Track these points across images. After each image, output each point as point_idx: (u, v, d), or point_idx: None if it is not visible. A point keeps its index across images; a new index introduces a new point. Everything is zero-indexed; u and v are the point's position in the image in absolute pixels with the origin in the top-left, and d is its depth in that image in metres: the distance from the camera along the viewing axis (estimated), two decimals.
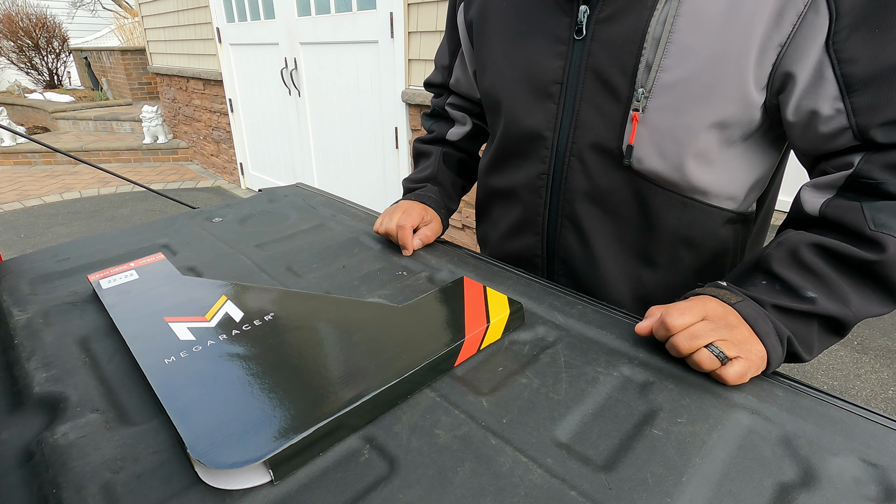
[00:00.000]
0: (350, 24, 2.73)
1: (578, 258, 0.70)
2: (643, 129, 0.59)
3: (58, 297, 0.64)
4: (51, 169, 5.14)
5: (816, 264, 0.51)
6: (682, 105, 0.56)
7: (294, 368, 0.47)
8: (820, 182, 0.55)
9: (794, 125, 0.55)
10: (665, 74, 0.55)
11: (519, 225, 0.75)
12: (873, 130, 0.50)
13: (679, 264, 0.67)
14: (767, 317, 0.49)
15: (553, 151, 0.66)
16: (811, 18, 0.49)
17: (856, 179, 0.52)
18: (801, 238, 0.53)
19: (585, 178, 0.65)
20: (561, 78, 0.63)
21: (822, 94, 0.51)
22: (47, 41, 7.85)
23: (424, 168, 0.89)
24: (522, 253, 0.76)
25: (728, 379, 0.46)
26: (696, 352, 0.47)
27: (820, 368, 1.99)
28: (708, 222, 0.64)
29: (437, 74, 0.89)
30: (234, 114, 4.17)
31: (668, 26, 0.54)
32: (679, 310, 0.49)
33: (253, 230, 0.85)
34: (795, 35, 0.50)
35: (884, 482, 0.37)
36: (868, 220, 0.49)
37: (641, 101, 0.57)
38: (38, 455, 0.40)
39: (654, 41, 0.55)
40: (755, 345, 0.48)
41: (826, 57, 0.50)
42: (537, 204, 0.71)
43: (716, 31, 0.52)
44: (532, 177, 0.70)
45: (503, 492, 0.37)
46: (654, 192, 0.62)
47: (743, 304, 0.50)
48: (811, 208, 0.55)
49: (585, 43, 0.60)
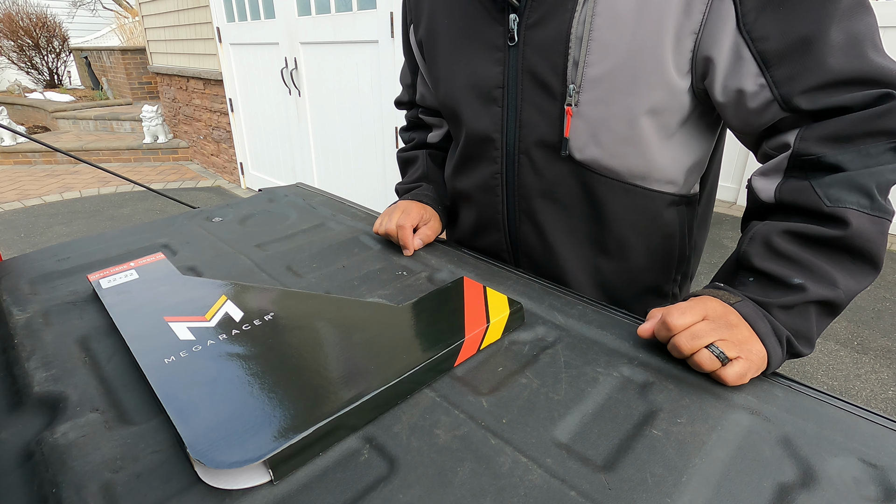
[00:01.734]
0: (350, 23, 2.73)
1: (538, 251, 0.75)
2: (578, 122, 0.63)
3: (58, 297, 0.64)
4: (51, 168, 5.14)
5: (792, 251, 0.52)
6: (609, 96, 0.60)
7: (294, 368, 0.47)
8: (766, 168, 0.58)
9: (725, 105, 0.58)
10: (591, 69, 0.59)
11: (482, 224, 0.80)
12: (797, 98, 0.52)
13: (629, 249, 0.71)
14: (766, 317, 0.50)
15: (503, 151, 0.70)
16: (717, 5, 0.53)
17: (797, 158, 0.53)
18: (771, 228, 0.54)
19: (535, 174, 0.69)
20: (501, 82, 0.67)
21: (744, 73, 0.54)
22: (47, 41, 7.85)
23: (414, 171, 0.92)
24: (490, 248, 0.81)
25: (728, 379, 0.46)
26: (697, 352, 0.48)
27: (820, 368, 1.99)
28: (651, 206, 0.68)
29: (404, 94, 0.94)
30: (235, 113, 4.17)
31: (588, 25, 0.58)
32: (680, 310, 0.49)
33: (253, 230, 0.85)
34: (707, 22, 0.54)
35: (883, 483, 0.37)
36: (822, 198, 0.51)
37: (573, 96, 0.61)
38: (37, 454, 0.40)
39: (577, 40, 0.59)
40: (755, 345, 0.48)
41: (740, 38, 0.53)
42: (495, 202, 0.75)
43: (630, 26, 0.56)
44: (487, 177, 0.74)
45: (503, 492, 0.37)
46: (597, 180, 0.66)
47: (742, 304, 0.50)
48: (766, 196, 0.56)
49: (519, 48, 0.64)
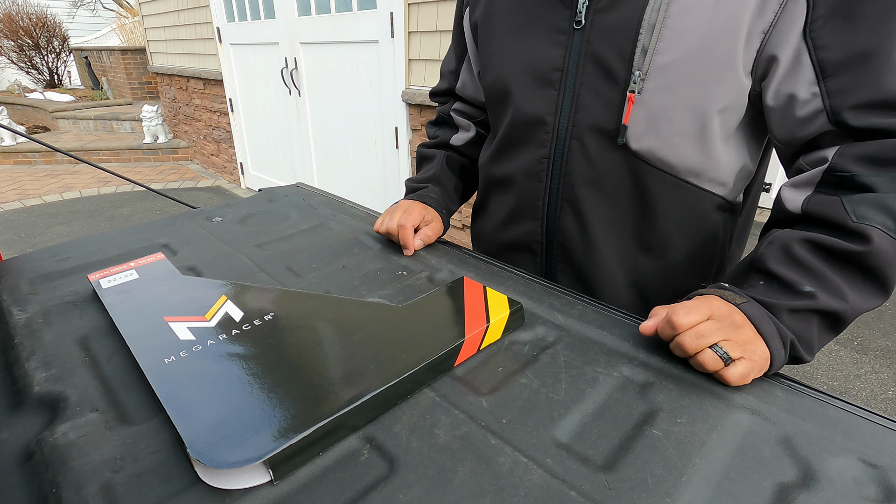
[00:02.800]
0: (350, 23, 2.73)
1: (577, 242, 0.73)
2: (639, 110, 0.62)
3: (58, 297, 0.64)
4: (51, 168, 5.14)
5: (809, 260, 0.52)
6: (675, 85, 0.59)
7: (294, 368, 0.47)
8: (798, 180, 0.57)
9: (774, 110, 0.58)
10: (660, 57, 0.59)
11: (518, 211, 0.77)
12: (845, 112, 0.52)
13: (672, 248, 0.70)
14: (771, 319, 0.50)
15: (554, 135, 0.69)
16: (791, 7, 0.53)
17: (831, 174, 0.54)
18: (791, 235, 0.54)
19: (585, 161, 0.67)
20: (561, 65, 0.66)
21: (800, 79, 0.54)
22: (48, 41, 7.85)
23: (427, 170, 0.91)
24: (521, 239, 0.78)
25: (730, 380, 0.46)
26: (701, 352, 0.47)
27: (820, 369, 1.99)
28: (699, 206, 0.67)
29: (442, 82, 0.92)
30: (235, 113, 4.17)
31: (663, 13, 0.57)
32: (685, 308, 0.49)
33: (253, 230, 0.85)
34: (777, 22, 0.54)
35: (883, 483, 0.37)
36: (850, 213, 0.51)
37: (638, 83, 0.60)
38: (37, 454, 0.40)
39: (649, 27, 0.58)
40: (759, 346, 0.48)
41: (803, 43, 0.53)
42: (538, 188, 0.73)
43: (706, 16, 0.56)
44: (533, 161, 0.72)
45: (503, 492, 0.37)
46: (650, 172, 0.65)
47: (748, 305, 0.50)
48: (793, 206, 0.56)
49: (584, 32, 0.63)
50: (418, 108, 2.55)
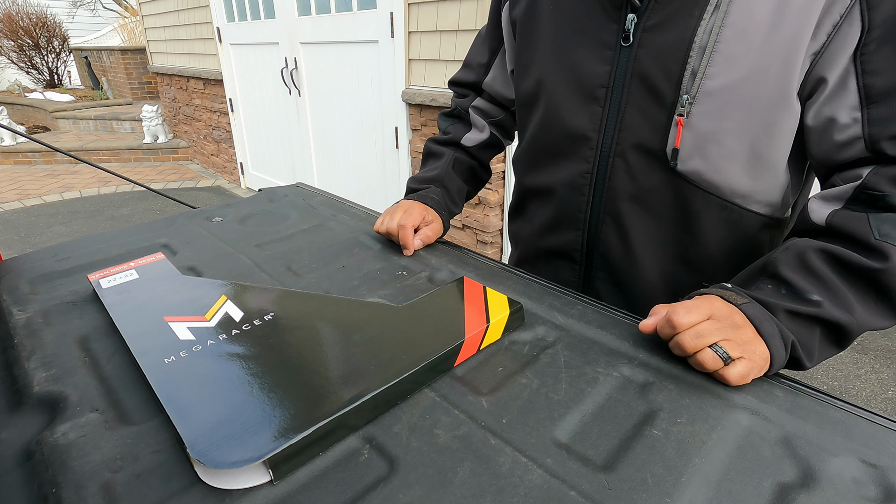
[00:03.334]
0: (350, 23, 2.73)
1: (618, 254, 0.72)
2: (687, 133, 0.61)
3: (58, 297, 0.64)
4: (51, 168, 5.14)
5: (822, 270, 0.51)
6: (724, 110, 0.58)
7: (294, 368, 0.47)
8: (828, 194, 0.57)
9: (812, 130, 0.57)
10: (709, 82, 0.57)
11: (558, 221, 0.77)
12: (884, 142, 0.51)
13: (714, 265, 0.69)
14: (773, 319, 0.49)
15: (597, 152, 0.68)
16: (846, 29, 0.51)
17: (863, 191, 0.53)
18: (808, 244, 0.53)
19: (628, 178, 0.67)
20: (607, 82, 0.65)
21: (843, 102, 0.53)
22: (48, 40, 7.85)
23: (432, 169, 0.89)
24: (561, 248, 0.78)
25: (730, 379, 0.46)
26: (700, 351, 0.47)
27: (820, 369, 1.99)
28: (746, 226, 0.66)
29: (468, 73, 0.89)
30: (235, 113, 4.17)
31: (714, 36, 0.56)
32: (685, 308, 0.49)
33: (253, 230, 0.85)
34: (829, 44, 0.53)
35: (883, 483, 0.37)
36: (873, 230, 0.50)
37: (686, 106, 0.59)
38: (37, 454, 0.40)
39: (700, 49, 0.57)
40: (759, 346, 0.48)
41: (852, 66, 0.52)
42: (580, 201, 0.72)
43: (760, 41, 0.54)
44: (575, 175, 0.71)
45: (503, 492, 0.37)
46: (695, 193, 0.64)
47: (749, 306, 0.50)
48: (818, 218, 0.56)
49: (632, 49, 0.62)
50: (418, 108, 2.55)
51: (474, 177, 0.92)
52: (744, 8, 0.54)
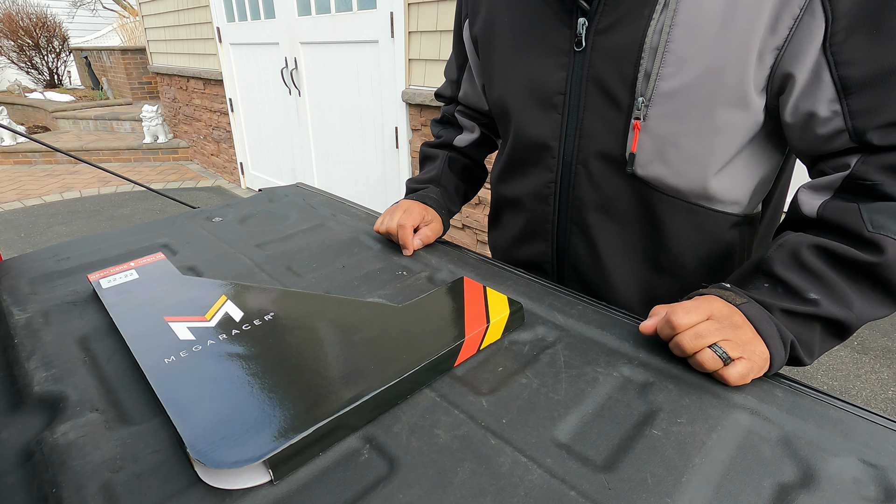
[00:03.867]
0: (350, 23, 2.73)
1: (587, 263, 0.71)
2: (645, 137, 0.60)
3: (58, 297, 0.64)
4: (51, 168, 5.14)
5: (818, 266, 0.51)
6: (682, 112, 0.57)
7: (294, 368, 0.47)
8: (817, 184, 0.56)
9: (792, 126, 0.56)
10: (664, 83, 0.56)
11: (528, 232, 0.77)
12: (870, 133, 0.50)
13: (686, 268, 0.68)
14: (772, 319, 0.49)
15: (560, 160, 0.67)
16: (807, 21, 0.49)
17: (853, 181, 0.52)
18: (802, 240, 0.53)
19: (591, 186, 0.66)
20: (563, 88, 0.64)
21: (819, 97, 0.51)
22: (48, 40, 7.85)
23: (429, 171, 0.90)
24: (533, 259, 0.78)
25: (730, 379, 0.46)
26: (700, 351, 0.47)
27: (820, 369, 1.99)
28: (713, 227, 0.65)
29: (446, 87, 0.92)
30: (234, 113, 4.17)
31: (665, 36, 0.55)
32: (685, 308, 0.49)
33: (253, 230, 0.85)
34: (792, 38, 0.51)
35: (883, 483, 0.37)
36: (866, 222, 0.49)
37: (642, 109, 0.58)
38: (37, 454, 0.40)
39: (651, 51, 0.56)
40: (758, 346, 0.48)
41: (823, 59, 0.50)
42: (546, 211, 0.72)
43: (712, 39, 0.53)
44: (539, 185, 0.71)
45: (503, 492, 0.37)
46: (659, 198, 0.63)
47: (748, 306, 0.50)
48: (808, 210, 0.55)
49: (586, 54, 0.61)
50: (418, 107, 2.55)
51: (471, 175, 0.93)
52: (693, 6, 0.53)
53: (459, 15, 0.80)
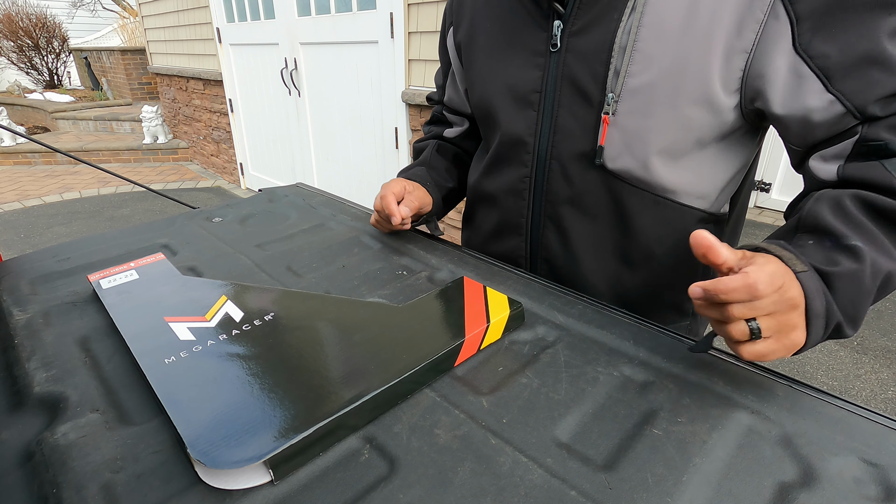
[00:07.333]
0: (350, 24, 2.73)
1: (560, 258, 0.74)
2: (613, 131, 0.63)
3: (58, 297, 0.64)
4: (51, 169, 5.14)
5: (859, 217, 0.49)
6: (648, 108, 0.60)
7: (294, 368, 0.47)
8: (826, 153, 0.55)
9: (789, 125, 0.57)
10: (632, 80, 0.59)
11: (502, 227, 0.79)
12: (871, 107, 0.51)
13: (654, 263, 0.70)
14: (824, 295, 0.45)
15: (534, 156, 0.70)
16: (772, 24, 0.52)
17: (863, 144, 0.52)
18: (840, 192, 0.51)
19: (565, 181, 0.69)
20: (539, 87, 0.67)
21: (808, 89, 0.53)
22: (47, 41, 7.85)
23: (419, 161, 0.92)
24: (506, 253, 0.80)
25: (745, 355, 0.43)
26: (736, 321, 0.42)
27: (820, 368, 1.99)
28: (680, 221, 0.67)
29: (435, 92, 0.96)
30: (234, 114, 4.17)
31: (633, 36, 0.58)
32: (770, 276, 0.42)
33: (253, 230, 0.85)
34: (759, 42, 0.53)
35: (884, 482, 0.37)
36: (893, 173, 0.50)
37: (612, 105, 0.61)
38: (38, 455, 0.40)
39: (620, 49, 0.59)
40: (797, 335, 0.44)
41: (797, 57, 0.52)
42: (521, 206, 0.75)
43: (675, 39, 0.56)
44: (515, 181, 0.74)
45: (503, 492, 0.37)
46: (628, 191, 0.66)
47: (808, 276, 0.45)
48: (827, 174, 0.55)
49: (560, 55, 0.65)
50: (418, 108, 2.55)
51: (460, 161, 0.94)
52: (657, 9, 0.57)
53: (445, 23, 0.84)
